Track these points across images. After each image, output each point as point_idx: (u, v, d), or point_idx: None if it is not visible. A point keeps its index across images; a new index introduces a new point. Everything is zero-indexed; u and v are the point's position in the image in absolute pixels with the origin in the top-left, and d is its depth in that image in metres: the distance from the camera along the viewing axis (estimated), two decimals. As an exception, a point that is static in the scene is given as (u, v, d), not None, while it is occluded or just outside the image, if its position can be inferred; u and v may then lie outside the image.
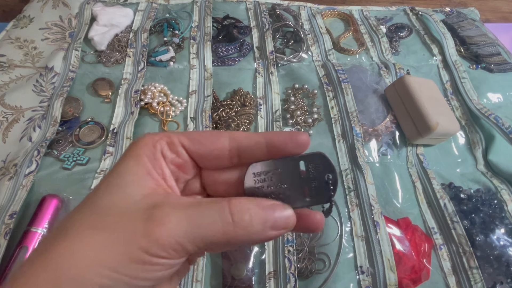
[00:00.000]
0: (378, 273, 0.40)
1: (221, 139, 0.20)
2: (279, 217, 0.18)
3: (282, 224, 0.18)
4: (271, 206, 0.18)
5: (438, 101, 0.52)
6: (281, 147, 0.20)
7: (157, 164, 0.19)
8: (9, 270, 0.36)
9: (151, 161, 0.19)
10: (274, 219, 0.18)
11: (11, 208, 0.40)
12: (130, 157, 0.18)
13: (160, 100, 0.52)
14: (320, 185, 0.20)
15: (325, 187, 0.20)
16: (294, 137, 0.20)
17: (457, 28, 0.69)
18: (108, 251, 0.15)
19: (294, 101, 0.55)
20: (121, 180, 0.18)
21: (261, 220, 0.18)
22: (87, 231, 0.16)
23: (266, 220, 0.18)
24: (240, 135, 0.20)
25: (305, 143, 0.20)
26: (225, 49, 0.60)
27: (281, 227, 0.18)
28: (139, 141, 0.19)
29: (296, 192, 0.20)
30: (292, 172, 0.20)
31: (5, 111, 0.49)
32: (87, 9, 0.63)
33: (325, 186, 0.20)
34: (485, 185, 0.50)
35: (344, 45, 0.65)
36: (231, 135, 0.20)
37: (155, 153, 0.19)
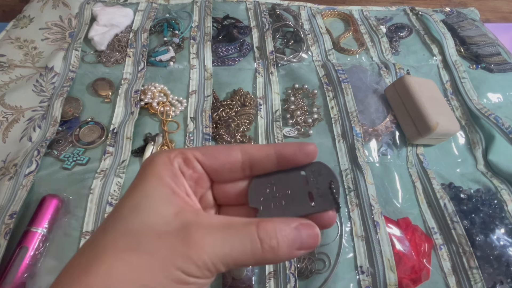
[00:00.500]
0: (378, 273, 0.40)
1: (234, 153, 0.21)
2: (306, 238, 0.19)
3: (308, 244, 0.19)
4: (298, 227, 0.19)
5: (438, 101, 0.52)
6: (291, 158, 0.21)
7: (179, 182, 0.19)
8: (9, 270, 0.36)
9: (173, 179, 0.19)
10: (301, 240, 0.19)
11: (11, 208, 0.40)
12: (152, 177, 0.19)
13: (160, 100, 0.52)
14: (323, 191, 0.21)
15: (328, 193, 0.21)
16: (303, 148, 0.21)
17: (457, 28, 0.69)
18: (149, 272, 0.16)
19: (294, 101, 0.55)
20: (150, 201, 0.18)
21: (288, 243, 0.18)
22: (124, 254, 0.16)
23: (293, 243, 0.18)
24: (252, 148, 0.21)
25: (313, 152, 0.21)
26: (225, 49, 0.60)
27: (308, 247, 0.19)
28: (156, 160, 0.19)
29: (301, 199, 0.21)
30: (295, 181, 0.21)
31: (5, 111, 0.49)
32: (87, 9, 0.63)
33: (328, 192, 0.21)
34: (485, 185, 0.50)
35: (344, 45, 0.65)
36: (243, 149, 0.21)
37: (175, 172, 0.19)
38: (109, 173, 0.45)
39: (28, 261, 0.37)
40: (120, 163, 0.46)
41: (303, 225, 0.19)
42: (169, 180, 0.19)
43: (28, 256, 0.37)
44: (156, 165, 0.19)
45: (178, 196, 0.19)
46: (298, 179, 0.21)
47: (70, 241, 0.40)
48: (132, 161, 0.47)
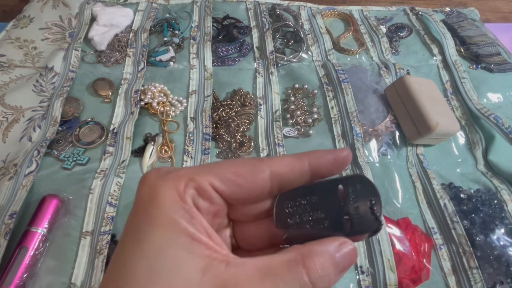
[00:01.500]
0: (378, 273, 0.40)
1: (261, 176, 0.17)
2: (348, 257, 0.16)
3: (350, 263, 0.16)
4: (338, 249, 0.16)
5: (438, 101, 0.52)
6: (325, 171, 0.18)
7: (197, 224, 0.15)
8: (9, 270, 0.36)
9: (189, 222, 0.15)
10: (343, 263, 0.16)
11: (11, 208, 0.40)
12: (162, 225, 0.14)
13: (160, 100, 0.52)
14: (363, 211, 0.17)
15: (368, 214, 0.17)
16: (339, 156, 0.18)
17: (457, 28, 0.69)
18: None
19: (294, 101, 0.55)
20: (168, 260, 0.14)
21: (336, 273, 0.16)
22: None
23: (339, 268, 0.16)
24: (282, 166, 0.17)
25: (348, 160, 0.18)
26: (225, 49, 0.60)
27: (349, 266, 0.16)
28: (162, 197, 0.15)
29: (336, 222, 0.17)
30: (329, 198, 0.18)
31: (5, 111, 0.49)
32: (87, 9, 0.63)
33: (368, 213, 0.17)
34: (485, 185, 0.50)
35: (344, 45, 0.65)
36: (272, 169, 0.17)
37: (190, 210, 0.15)
38: (109, 173, 0.45)
39: (28, 261, 0.37)
40: (120, 163, 0.46)
41: (342, 245, 0.16)
42: (185, 224, 0.15)
43: (28, 256, 0.37)
44: (163, 206, 0.15)
45: (200, 243, 0.15)
46: (333, 195, 0.18)
47: (70, 241, 0.40)
48: (132, 161, 0.47)
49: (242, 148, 0.50)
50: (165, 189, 0.15)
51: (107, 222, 0.41)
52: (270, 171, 0.17)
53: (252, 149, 0.50)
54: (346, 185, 0.18)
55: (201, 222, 0.15)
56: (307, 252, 0.15)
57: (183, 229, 0.14)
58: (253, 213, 0.18)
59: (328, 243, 0.16)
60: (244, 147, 0.50)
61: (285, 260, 0.15)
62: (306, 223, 0.18)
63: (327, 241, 0.16)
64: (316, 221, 0.18)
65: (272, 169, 0.17)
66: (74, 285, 0.37)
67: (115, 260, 0.15)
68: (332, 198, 0.18)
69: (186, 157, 0.48)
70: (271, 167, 0.17)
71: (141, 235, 0.14)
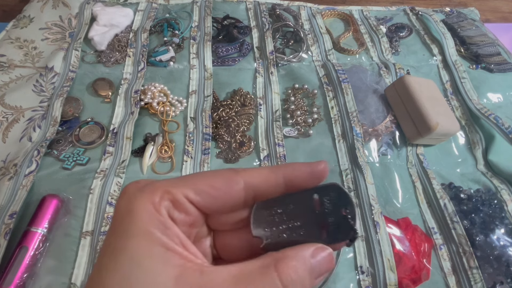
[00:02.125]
0: (378, 273, 0.40)
1: (235, 188, 0.17)
2: (323, 263, 0.16)
3: (326, 269, 0.17)
4: (313, 254, 0.16)
5: (438, 101, 0.52)
6: (300, 184, 0.18)
7: (172, 234, 0.15)
8: (9, 270, 0.36)
9: (164, 233, 0.15)
10: (319, 268, 0.16)
11: (11, 208, 0.40)
12: (137, 236, 0.15)
13: (160, 100, 0.52)
14: (338, 220, 0.18)
15: (343, 222, 0.18)
16: (315, 169, 0.18)
17: (457, 28, 0.69)
18: None
19: (294, 101, 0.55)
20: (142, 270, 0.14)
21: (310, 277, 0.16)
22: None
23: (314, 273, 0.16)
24: (256, 177, 0.17)
25: (324, 173, 0.18)
26: (225, 49, 0.60)
27: (326, 272, 0.17)
28: (137, 210, 0.15)
29: (312, 231, 0.18)
30: (305, 208, 0.18)
31: (5, 111, 0.49)
32: (87, 9, 0.63)
33: (343, 221, 0.18)
34: (485, 185, 0.50)
35: (344, 45, 0.65)
36: (246, 180, 0.17)
37: (164, 222, 0.15)
38: (109, 173, 0.45)
39: (28, 261, 0.37)
40: (120, 163, 0.46)
41: (317, 250, 0.16)
42: (160, 234, 0.15)
43: (28, 256, 0.37)
44: (139, 218, 0.15)
45: (175, 252, 0.15)
46: (308, 204, 0.18)
47: (70, 241, 0.40)
48: (132, 161, 0.47)
49: (242, 148, 0.50)
50: (141, 201, 0.15)
51: (107, 222, 0.41)
52: (244, 182, 0.17)
53: (252, 149, 0.50)
54: (321, 194, 0.18)
55: (176, 232, 0.16)
56: (280, 257, 0.16)
57: (158, 239, 0.15)
58: (231, 222, 0.19)
59: (303, 248, 0.16)
60: (244, 147, 0.50)
61: (259, 265, 0.15)
62: (283, 232, 0.18)
63: (302, 246, 0.16)
64: (293, 230, 0.18)
65: (246, 181, 0.17)
66: (74, 285, 0.37)
67: (94, 271, 0.15)
68: (307, 207, 0.18)
69: (186, 157, 0.48)
70: (245, 178, 0.17)
71: (117, 245, 0.15)
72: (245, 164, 0.49)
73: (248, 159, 0.50)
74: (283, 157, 0.49)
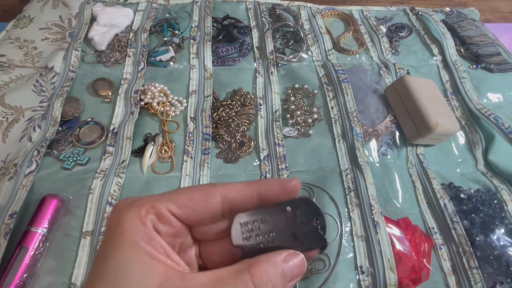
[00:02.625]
0: (378, 273, 0.40)
1: (213, 200, 0.19)
2: (294, 268, 0.18)
3: (298, 273, 0.18)
4: (285, 259, 0.18)
5: (438, 101, 0.52)
6: (273, 198, 0.20)
7: (156, 244, 0.17)
8: (9, 270, 0.36)
9: (149, 243, 0.17)
10: (291, 272, 0.18)
11: (11, 208, 0.40)
12: (124, 245, 0.16)
13: (160, 100, 0.52)
14: (309, 230, 0.20)
15: (315, 232, 0.20)
16: (286, 187, 0.20)
17: (457, 28, 0.69)
18: None
19: (294, 101, 0.55)
20: (127, 276, 0.16)
21: (282, 280, 0.18)
22: None
23: (285, 278, 0.18)
24: (232, 192, 0.20)
25: (296, 189, 0.20)
26: (225, 49, 0.60)
27: (297, 276, 0.18)
28: (125, 223, 0.17)
29: (286, 240, 0.20)
30: (279, 219, 0.20)
31: (5, 111, 0.49)
32: (87, 9, 0.63)
33: (315, 231, 0.20)
34: (485, 185, 0.50)
35: (344, 45, 0.65)
36: (222, 193, 0.19)
37: (149, 233, 0.17)
38: (109, 173, 0.45)
39: (28, 261, 0.37)
40: (120, 163, 0.46)
41: (289, 256, 0.18)
42: (145, 244, 0.17)
43: (28, 256, 0.37)
44: (126, 229, 0.17)
45: (158, 261, 0.17)
46: (283, 217, 0.20)
47: (70, 241, 0.40)
48: (132, 161, 0.47)
49: (242, 148, 0.50)
50: (129, 215, 0.17)
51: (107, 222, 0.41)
52: (221, 195, 0.19)
53: (252, 149, 0.50)
54: (294, 207, 0.20)
55: (160, 242, 0.17)
56: (254, 262, 0.18)
57: (143, 249, 0.17)
58: (213, 232, 0.21)
59: (275, 254, 0.18)
60: (244, 147, 0.50)
61: (234, 270, 0.17)
62: (260, 242, 0.20)
63: (275, 253, 0.18)
64: (268, 240, 0.20)
65: (222, 194, 0.19)
66: (74, 285, 0.37)
67: (88, 277, 0.17)
68: (282, 219, 0.20)
69: (186, 157, 0.48)
70: (222, 192, 0.19)
71: (108, 254, 0.17)
72: (245, 164, 0.49)
73: (248, 159, 0.50)
74: (283, 157, 0.49)
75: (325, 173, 0.48)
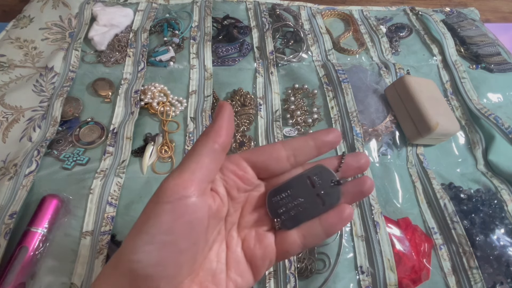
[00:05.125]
0: (378, 273, 0.40)
1: (276, 145, 0.24)
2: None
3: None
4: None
5: (438, 101, 0.52)
6: (324, 139, 0.25)
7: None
8: (9, 270, 0.36)
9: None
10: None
11: (11, 208, 0.40)
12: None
13: (160, 100, 0.52)
14: (328, 190, 0.24)
15: (333, 190, 0.24)
16: (331, 131, 0.25)
17: (457, 28, 0.69)
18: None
19: (294, 101, 0.55)
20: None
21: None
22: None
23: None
24: (290, 140, 0.25)
25: (339, 134, 0.25)
26: (225, 49, 0.60)
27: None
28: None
29: (312, 202, 0.24)
30: (303, 187, 0.25)
31: (5, 111, 0.49)
32: (87, 9, 0.63)
33: (332, 189, 0.24)
34: (485, 185, 0.50)
35: (344, 45, 0.65)
36: (282, 142, 0.25)
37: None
38: (109, 173, 0.45)
39: (28, 261, 0.37)
40: (120, 163, 0.46)
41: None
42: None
43: (28, 256, 0.37)
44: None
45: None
46: (305, 185, 0.24)
47: (70, 241, 0.40)
48: (132, 161, 0.47)
49: (242, 148, 0.50)
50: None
51: (107, 222, 0.41)
52: (281, 143, 0.25)
53: (252, 149, 0.50)
54: (311, 174, 0.25)
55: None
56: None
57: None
58: (254, 218, 0.26)
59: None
60: (244, 147, 0.50)
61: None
62: (291, 209, 0.24)
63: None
64: (298, 206, 0.24)
65: (282, 142, 0.25)
66: (74, 285, 0.37)
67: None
68: (304, 186, 0.25)
69: (186, 157, 0.48)
70: (283, 142, 0.25)
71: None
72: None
73: (248, 159, 0.49)
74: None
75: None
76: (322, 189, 0.24)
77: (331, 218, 0.24)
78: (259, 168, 0.25)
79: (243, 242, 0.25)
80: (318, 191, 0.24)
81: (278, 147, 0.24)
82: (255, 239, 0.24)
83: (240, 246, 0.25)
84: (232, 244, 0.24)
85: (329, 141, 0.25)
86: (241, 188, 0.24)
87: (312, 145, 0.24)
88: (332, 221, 0.24)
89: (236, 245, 0.24)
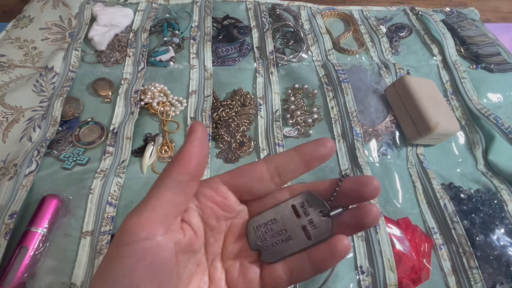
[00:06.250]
0: (378, 273, 0.40)
1: (258, 164, 0.22)
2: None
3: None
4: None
5: (438, 101, 0.52)
6: (312, 153, 0.21)
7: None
8: (9, 270, 0.36)
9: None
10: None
11: (11, 208, 0.40)
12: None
13: (160, 100, 0.52)
14: (316, 222, 0.21)
15: (322, 221, 0.21)
16: (321, 142, 0.21)
17: (457, 28, 0.69)
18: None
19: (294, 101, 0.55)
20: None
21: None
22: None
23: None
24: (273, 156, 0.22)
25: (332, 145, 0.21)
26: (225, 49, 0.60)
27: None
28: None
29: (297, 234, 0.21)
30: (287, 216, 0.22)
31: (5, 111, 0.49)
32: (87, 9, 0.63)
33: (322, 221, 0.21)
34: (485, 185, 0.50)
35: (344, 45, 0.65)
36: (265, 159, 0.22)
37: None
38: (109, 173, 0.45)
39: (28, 261, 0.37)
40: (120, 163, 0.46)
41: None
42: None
43: (28, 256, 0.37)
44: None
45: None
46: (290, 213, 0.22)
47: (70, 241, 0.40)
48: (132, 161, 0.47)
49: (242, 148, 0.50)
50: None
51: (107, 222, 0.41)
52: (264, 160, 0.22)
53: (252, 149, 0.50)
54: (298, 202, 0.22)
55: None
56: None
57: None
58: (237, 248, 0.23)
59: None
60: (244, 147, 0.50)
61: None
62: (273, 241, 0.21)
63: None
64: (282, 238, 0.21)
65: (265, 159, 0.22)
66: (74, 285, 0.37)
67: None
68: (289, 215, 0.22)
69: (186, 157, 0.48)
70: (265, 158, 0.22)
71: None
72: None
73: (248, 159, 0.49)
74: (283, 157, 0.49)
75: (325, 173, 0.48)
76: (309, 221, 0.21)
77: (320, 252, 0.21)
78: (241, 191, 0.22)
79: (226, 274, 0.23)
80: (304, 222, 0.21)
81: (260, 166, 0.21)
82: (239, 271, 0.22)
83: (224, 279, 0.23)
84: (215, 276, 0.23)
85: (317, 155, 0.21)
86: (221, 216, 0.22)
87: (299, 161, 0.21)
88: (321, 257, 0.21)
89: (219, 277, 0.23)
